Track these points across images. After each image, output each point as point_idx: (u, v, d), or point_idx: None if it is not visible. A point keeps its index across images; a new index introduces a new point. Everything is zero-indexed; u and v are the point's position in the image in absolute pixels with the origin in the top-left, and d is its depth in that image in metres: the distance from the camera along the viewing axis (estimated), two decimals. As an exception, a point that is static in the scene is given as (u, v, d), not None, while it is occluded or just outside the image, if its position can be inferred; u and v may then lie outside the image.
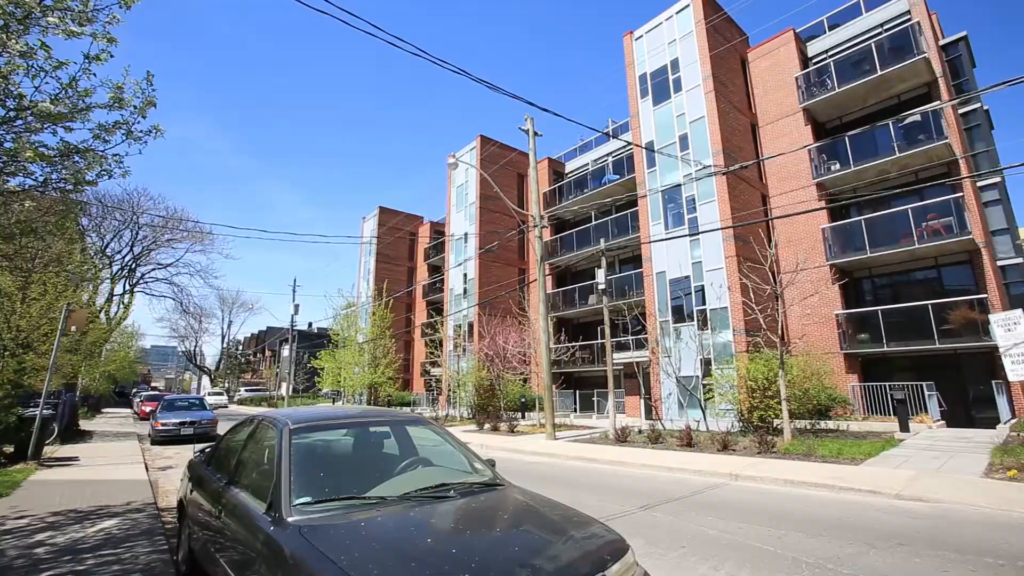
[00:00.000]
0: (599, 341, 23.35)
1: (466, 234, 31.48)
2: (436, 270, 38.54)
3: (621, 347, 21.95)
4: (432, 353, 31.26)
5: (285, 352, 58.28)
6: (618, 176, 25.35)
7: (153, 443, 16.13)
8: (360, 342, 33.16)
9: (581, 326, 27.63)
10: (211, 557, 3.48)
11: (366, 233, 43.67)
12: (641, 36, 22.63)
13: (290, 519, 2.70)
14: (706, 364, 17.88)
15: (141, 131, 5.03)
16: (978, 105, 18.65)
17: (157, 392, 42.95)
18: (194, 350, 64.35)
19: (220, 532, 3.40)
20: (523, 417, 22.72)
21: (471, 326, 29.16)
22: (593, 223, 26.19)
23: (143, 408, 27.17)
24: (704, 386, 17.07)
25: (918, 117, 17.04)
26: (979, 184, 17.78)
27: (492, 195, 29.45)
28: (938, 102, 17.21)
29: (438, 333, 31.29)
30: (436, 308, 37.07)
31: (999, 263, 17.24)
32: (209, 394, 44.76)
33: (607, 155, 28.90)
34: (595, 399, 24.60)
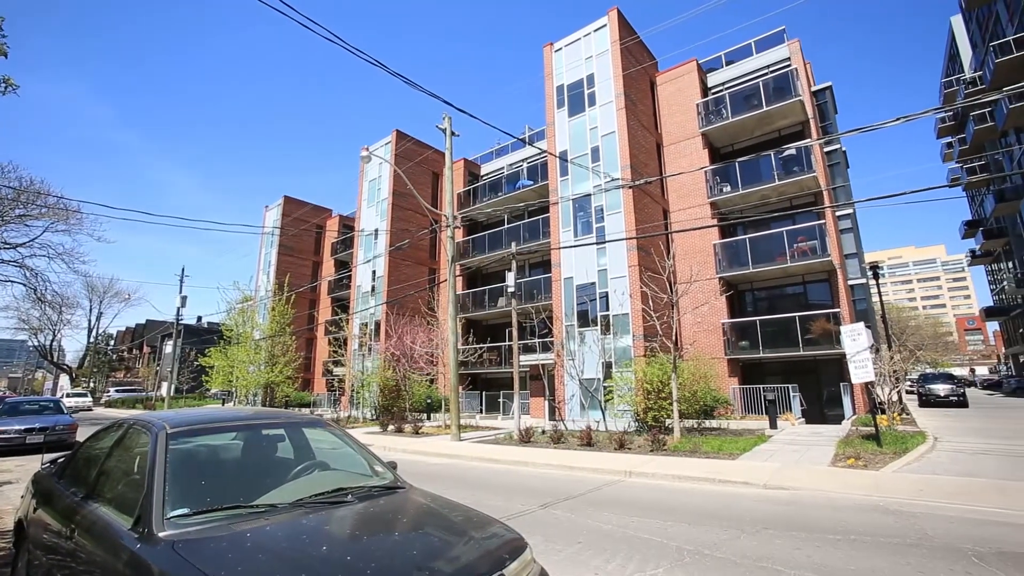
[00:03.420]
0: (507, 343, 23.70)
1: (377, 230, 30.47)
2: (344, 266, 36.88)
3: (528, 349, 22.46)
4: (336, 352, 29.82)
5: (168, 348, 52.48)
6: (532, 182, 25.95)
7: (-12, 454, 13.74)
8: (257, 339, 30.78)
9: (490, 328, 27.87)
10: (59, 584, 3.03)
11: (269, 223, 40.71)
12: (560, 49, 23.40)
13: (162, 534, 2.44)
14: (607, 367, 18.85)
15: (-14, 86, 4.28)
16: (838, 146, 21.60)
17: (-3, 393, 36.64)
18: (51, 345, 55.36)
19: (72, 555, 2.96)
20: (429, 418, 22.44)
21: (378, 325, 28.26)
22: (506, 226, 26.56)
23: None
24: (605, 388, 17.98)
25: (794, 151, 19.37)
26: (837, 214, 20.55)
27: (406, 192, 28.80)
28: (809, 140, 19.68)
29: (343, 331, 29.96)
30: (342, 305, 35.45)
31: (850, 282, 20.09)
32: (68, 395, 39.02)
33: (522, 160, 29.47)
34: (501, 400, 24.92)
